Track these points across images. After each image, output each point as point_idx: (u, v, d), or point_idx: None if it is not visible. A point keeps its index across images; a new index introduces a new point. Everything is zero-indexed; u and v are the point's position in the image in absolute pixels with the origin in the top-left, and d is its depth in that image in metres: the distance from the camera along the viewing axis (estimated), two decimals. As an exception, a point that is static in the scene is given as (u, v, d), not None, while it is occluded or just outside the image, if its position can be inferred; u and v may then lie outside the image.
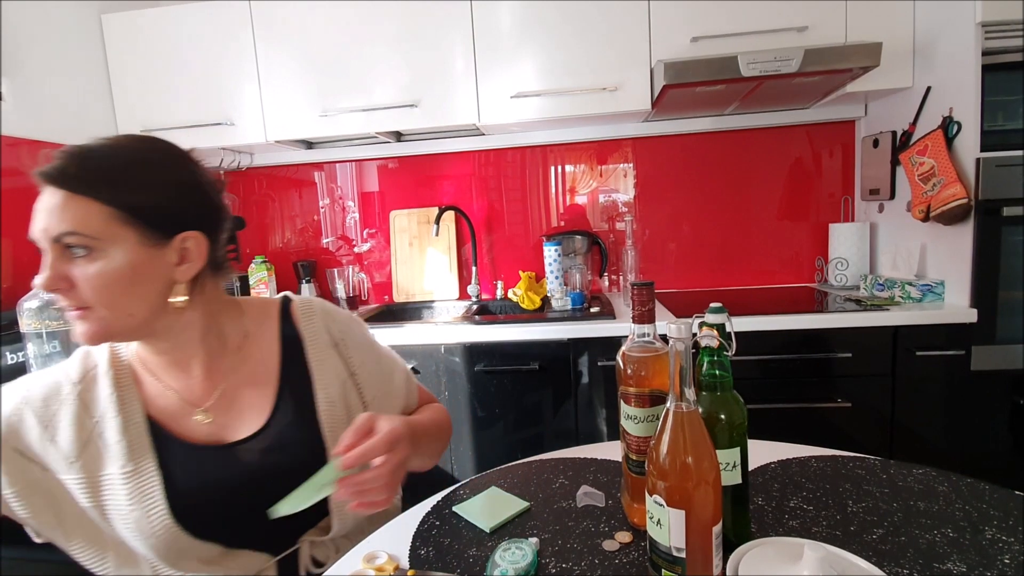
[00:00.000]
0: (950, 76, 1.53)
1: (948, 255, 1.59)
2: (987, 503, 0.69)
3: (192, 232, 0.67)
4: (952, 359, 1.50)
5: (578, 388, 1.63)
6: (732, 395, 0.62)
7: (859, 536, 0.64)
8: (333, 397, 0.78)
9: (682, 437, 0.54)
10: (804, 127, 2.01)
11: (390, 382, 0.86)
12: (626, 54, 1.71)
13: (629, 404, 0.66)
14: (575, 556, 0.64)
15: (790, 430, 1.56)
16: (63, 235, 0.60)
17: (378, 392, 0.84)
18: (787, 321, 1.53)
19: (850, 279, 1.89)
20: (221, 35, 1.86)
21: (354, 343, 0.83)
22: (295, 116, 1.87)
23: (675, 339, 0.54)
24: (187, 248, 0.67)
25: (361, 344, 0.84)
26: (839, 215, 2.04)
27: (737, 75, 1.51)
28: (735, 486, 0.62)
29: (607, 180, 2.13)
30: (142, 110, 1.92)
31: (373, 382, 0.83)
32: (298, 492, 0.60)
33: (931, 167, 1.56)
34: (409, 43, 1.79)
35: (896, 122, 1.76)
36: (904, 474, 0.77)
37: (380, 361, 0.86)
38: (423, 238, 2.18)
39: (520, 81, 1.77)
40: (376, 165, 2.22)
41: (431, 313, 2.13)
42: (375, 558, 0.66)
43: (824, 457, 0.84)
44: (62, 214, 0.60)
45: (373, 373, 0.84)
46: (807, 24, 1.63)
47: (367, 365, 0.83)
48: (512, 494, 0.78)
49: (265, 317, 0.80)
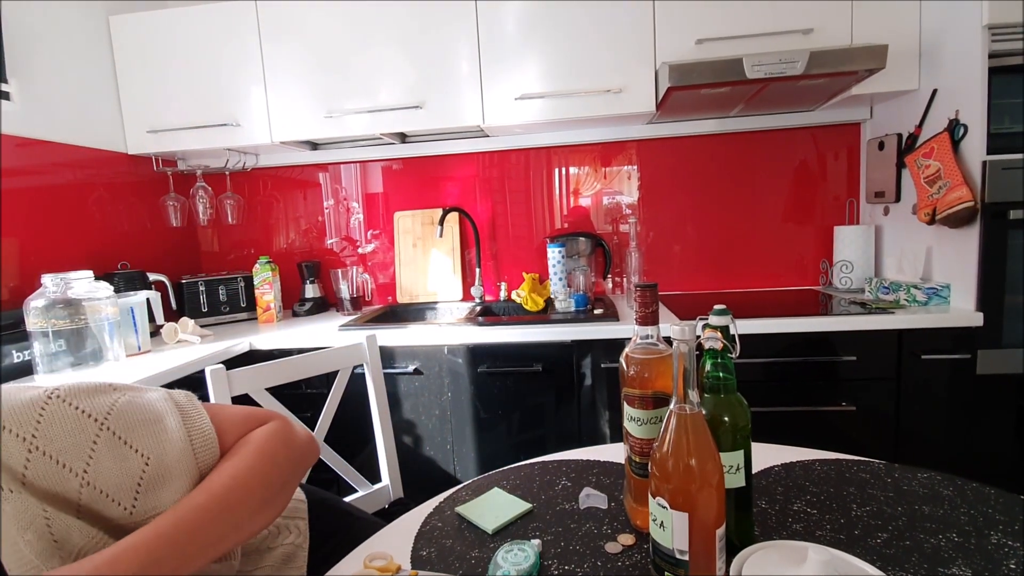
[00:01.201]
0: (956, 78, 1.52)
1: (954, 258, 1.58)
2: (993, 507, 0.68)
3: None
4: (958, 363, 1.49)
5: (581, 390, 1.63)
6: (736, 397, 0.61)
7: (863, 540, 0.64)
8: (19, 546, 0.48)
9: (685, 439, 0.54)
10: (809, 129, 2.01)
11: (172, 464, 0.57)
12: (631, 56, 1.71)
13: (632, 406, 0.66)
14: (577, 558, 0.64)
15: (794, 433, 1.55)
16: None
17: (127, 480, 0.54)
18: (791, 324, 1.52)
19: (855, 282, 1.88)
20: (227, 36, 1.87)
21: (57, 448, 0.52)
22: (300, 117, 1.88)
23: (679, 341, 0.54)
24: None
25: (72, 441, 0.53)
26: (844, 218, 2.03)
27: (742, 77, 1.50)
28: (739, 489, 0.61)
29: (611, 182, 2.13)
30: (149, 111, 1.93)
31: (118, 471, 0.54)
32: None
33: (937, 170, 1.55)
34: (414, 45, 1.79)
35: (902, 125, 1.75)
36: (909, 478, 0.77)
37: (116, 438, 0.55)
38: (427, 239, 2.18)
39: (525, 83, 1.77)
40: (380, 166, 2.23)
41: (434, 314, 2.14)
42: (377, 559, 0.66)
43: (828, 460, 0.83)
44: None
45: (115, 459, 0.54)
46: (812, 26, 1.63)
47: (99, 460, 0.53)
48: (515, 496, 0.78)
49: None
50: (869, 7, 1.62)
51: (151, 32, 1.90)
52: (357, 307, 2.11)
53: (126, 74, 1.93)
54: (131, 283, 1.77)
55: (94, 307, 1.39)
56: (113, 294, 1.46)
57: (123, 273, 1.79)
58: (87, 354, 1.37)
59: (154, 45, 1.90)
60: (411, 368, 1.67)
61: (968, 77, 1.47)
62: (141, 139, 1.94)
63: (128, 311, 1.58)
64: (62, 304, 1.34)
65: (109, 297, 1.44)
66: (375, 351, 1.27)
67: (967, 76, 1.48)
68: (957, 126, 1.51)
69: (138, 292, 1.67)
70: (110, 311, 1.43)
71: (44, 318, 1.32)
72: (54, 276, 1.36)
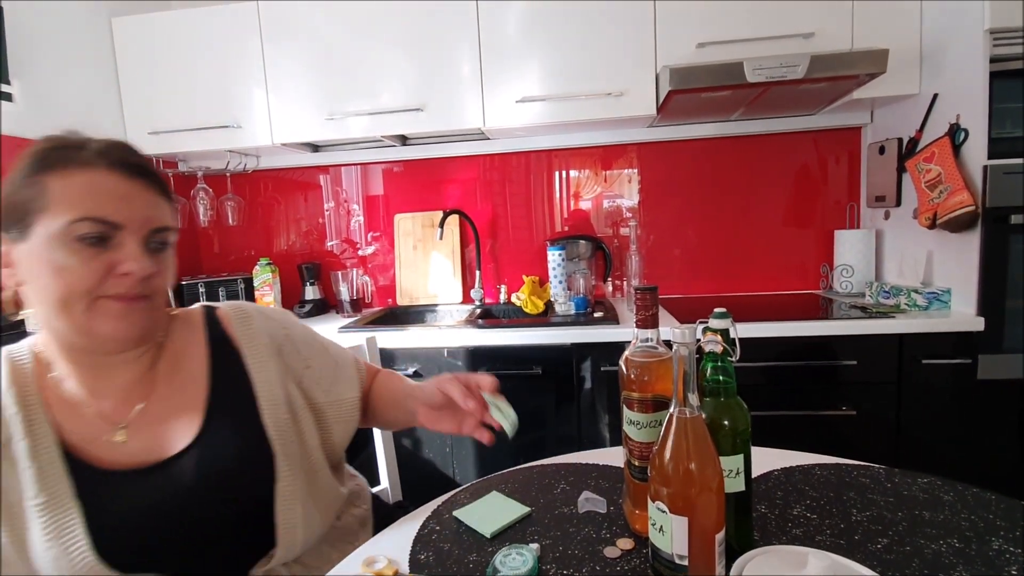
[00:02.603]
0: (957, 83, 1.52)
1: (955, 263, 1.57)
2: (994, 513, 0.68)
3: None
4: (958, 368, 1.49)
5: (581, 393, 1.63)
6: (736, 401, 0.61)
7: (864, 545, 0.63)
8: (277, 399, 0.73)
9: (685, 443, 0.54)
10: (810, 133, 2.01)
11: (342, 367, 0.84)
12: (632, 59, 1.72)
13: (632, 409, 0.66)
14: (576, 562, 0.63)
15: (794, 437, 1.54)
16: (163, 229, 0.64)
17: (333, 382, 0.82)
18: (792, 328, 1.52)
19: (855, 286, 1.88)
20: (229, 38, 1.87)
21: (301, 341, 0.81)
22: (302, 119, 1.88)
23: (679, 344, 0.54)
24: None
25: (306, 339, 0.82)
26: (844, 222, 2.03)
27: (743, 81, 1.51)
28: (738, 493, 0.61)
29: (612, 185, 2.13)
30: (150, 112, 1.93)
31: (327, 374, 0.81)
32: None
33: (938, 174, 1.55)
34: (416, 47, 1.80)
35: (902, 129, 1.75)
36: (909, 483, 0.76)
37: (328, 350, 0.84)
38: (427, 241, 2.18)
39: (526, 85, 1.77)
40: (381, 168, 2.23)
41: (434, 316, 2.14)
42: (375, 562, 0.65)
43: (828, 465, 0.83)
44: (160, 210, 0.64)
45: (325, 365, 0.82)
46: (813, 30, 1.63)
47: (317, 358, 0.81)
48: (513, 499, 0.77)
49: (190, 326, 0.75)
50: (870, 11, 1.62)
51: (153, 34, 1.90)
52: (357, 309, 2.11)
53: (128, 75, 1.93)
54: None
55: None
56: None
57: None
58: (86, 355, 1.37)
59: (156, 46, 1.91)
60: (411, 370, 1.67)
61: (969, 81, 1.47)
62: (142, 140, 1.94)
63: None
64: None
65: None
66: (375, 353, 1.26)
67: (968, 80, 1.48)
68: (958, 130, 1.51)
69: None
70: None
71: (44, 319, 1.32)
72: (54, 277, 1.36)
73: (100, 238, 0.59)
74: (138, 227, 0.61)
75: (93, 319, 0.60)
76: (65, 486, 0.61)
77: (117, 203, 0.60)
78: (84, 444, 0.64)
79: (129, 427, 0.66)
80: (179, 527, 0.64)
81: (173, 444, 0.66)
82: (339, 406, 0.81)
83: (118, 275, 0.60)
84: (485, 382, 0.71)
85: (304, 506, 0.71)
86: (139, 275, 0.60)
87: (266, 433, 0.70)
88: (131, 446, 0.65)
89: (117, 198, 0.60)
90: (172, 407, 0.68)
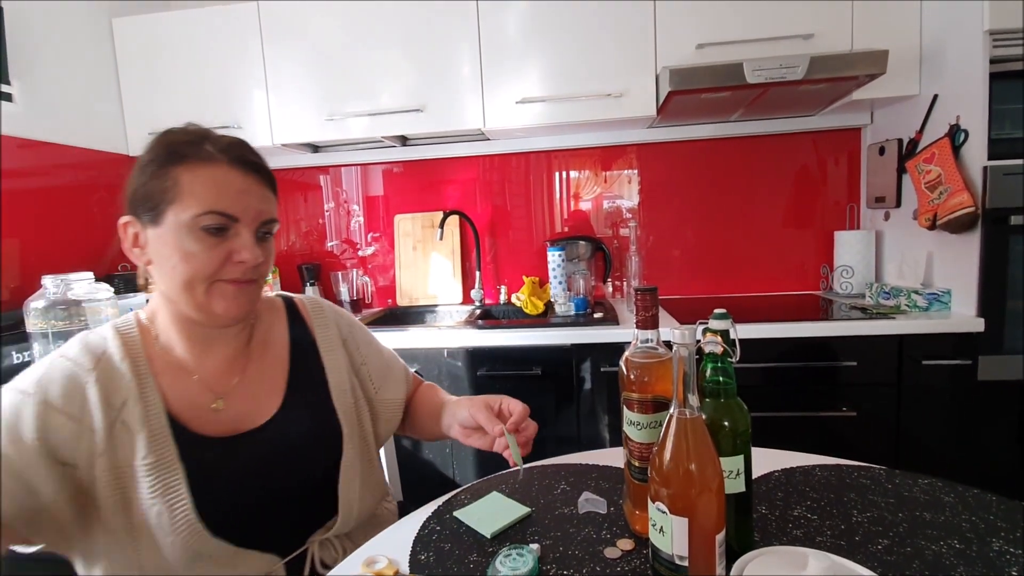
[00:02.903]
0: (957, 84, 1.52)
1: (955, 264, 1.57)
2: (994, 514, 0.68)
3: None
4: (959, 369, 1.49)
5: (580, 394, 1.63)
6: (736, 402, 0.61)
7: (864, 546, 0.63)
8: (344, 384, 0.83)
9: (685, 444, 0.54)
10: (809, 134, 2.01)
11: (392, 370, 0.93)
12: (632, 60, 1.72)
13: (632, 410, 0.66)
14: (576, 563, 0.63)
15: (794, 438, 1.54)
16: (271, 221, 0.71)
17: (383, 381, 0.90)
18: (792, 329, 1.52)
19: (855, 287, 1.88)
20: (229, 39, 1.87)
21: (361, 339, 0.90)
22: (302, 120, 1.88)
23: (679, 345, 0.54)
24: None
25: (366, 339, 0.92)
26: (844, 223, 2.03)
27: (742, 82, 1.51)
28: (738, 494, 0.61)
29: (611, 186, 2.13)
30: (150, 112, 1.93)
31: (378, 373, 0.90)
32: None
33: (938, 175, 1.55)
34: (416, 48, 1.80)
35: (902, 130, 1.75)
36: (910, 484, 0.76)
37: (382, 353, 0.93)
38: (427, 242, 2.18)
39: (526, 86, 1.77)
40: (381, 169, 2.23)
41: (434, 317, 2.13)
42: (375, 562, 0.65)
43: (828, 466, 0.83)
44: (269, 204, 0.71)
45: (378, 365, 0.90)
46: (813, 32, 1.63)
47: (372, 357, 0.90)
48: (513, 500, 0.77)
49: (274, 311, 0.85)
50: (870, 12, 1.62)
51: (153, 34, 1.91)
52: (357, 309, 2.11)
53: (128, 76, 1.94)
54: (131, 285, 1.77)
55: (94, 309, 1.39)
56: (113, 296, 1.46)
57: (123, 275, 1.79)
58: (86, 355, 1.37)
59: (156, 47, 1.91)
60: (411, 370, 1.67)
61: (969, 82, 1.47)
62: (142, 141, 1.92)
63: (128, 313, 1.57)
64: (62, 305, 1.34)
65: (109, 299, 1.44)
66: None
67: (968, 81, 1.48)
68: (958, 131, 1.51)
69: (138, 294, 1.67)
70: (110, 313, 1.43)
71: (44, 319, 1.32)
72: (54, 277, 1.36)
73: (220, 228, 0.66)
74: (251, 220, 0.68)
75: (211, 299, 0.68)
76: (171, 449, 0.67)
77: (236, 197, 0.67)
78: (186, 410, 0.71)
79: (225, 397, 0.74)
80: (259, 493, 0.71)
81: (259, 416, 0.75)
82: (386, 405, 0.89)
83: (234, 262, 0.67)
84: (516, 409, 0.78)
85: (361, 484, 0.80)
86: (251, 263, 0.67)
87: (335, 413, 0.79)
88: (225, 415, 0.73)
89: (236, 192, 0.67)
90: (260, 383, 0.77)
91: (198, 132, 0.70)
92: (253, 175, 0.69)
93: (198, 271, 0.66)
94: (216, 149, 0.67)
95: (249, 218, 0.68)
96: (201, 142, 0.68)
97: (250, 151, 0.71)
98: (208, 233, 0.66)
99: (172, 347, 0.73)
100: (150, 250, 0.68)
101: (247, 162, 0.69)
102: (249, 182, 0.69)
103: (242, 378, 0.76)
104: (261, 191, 0.70)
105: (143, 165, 0.68)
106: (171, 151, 0.67)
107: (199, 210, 0.65)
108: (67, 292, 1.36)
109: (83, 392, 0.65)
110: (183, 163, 0.66)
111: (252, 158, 0.70)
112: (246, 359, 0.77)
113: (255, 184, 0.69)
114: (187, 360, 0.73)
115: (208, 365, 0.74)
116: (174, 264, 0.66)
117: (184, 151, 0.67)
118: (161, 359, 0.72)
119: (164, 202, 0.66)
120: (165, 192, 0.66)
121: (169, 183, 0.66)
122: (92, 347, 0.70)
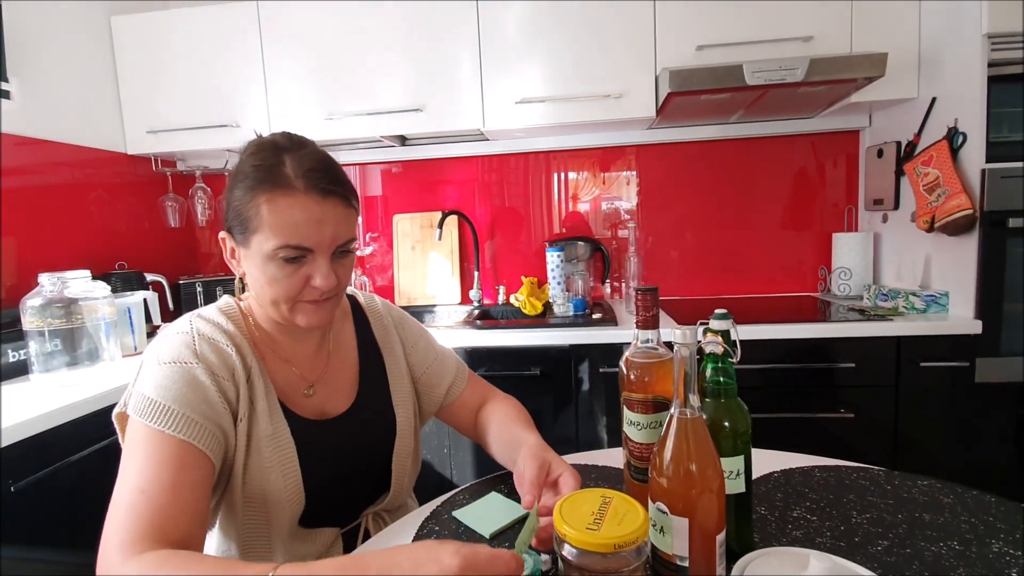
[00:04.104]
0: (956, 87, 1.53)
1: (952, 266, 1.58)
2: (993, 515, 0.68)
3: None
4: (956, 370, 1.49)
5: (579, 395, 1.63)
6: (736, 402, 0.61)
7: (864, 547, 0.63)
8: (402, 373, 0.91)
9: (686, 444, 0.53)
10: (808, 136, 2.01)
11: (443, 364, 0.97)
12: (631, 61, 1.72)
13: (632, 410, 0.66)
14: (576, 563, 0.63)
15: (793, 440, 1.54)
16: (348, 242, 0.75)
17: (427, 368, 0.95)
18: (790, 330, 1.52)
19: (853, 289, 1.88)
20: (228, 38, 1.87)
21: (408, 326, 0.97)
22: (301, 119, 1.88)
23: (680, 345, 0.54)
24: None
25: (413, 327, 0.98)
26: (843, 225, 2.03)
27: (742, 84, 1.51)
28: (738, 495, 0.61)
29: (610, 187, 2.13)
30: (148, 111, 1.93)
31: (424, 359, 0.95)
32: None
33: (936, 177, 1.55)
34: (415, 47, 1.80)
35: (901, 132, 1.76)
36: (909, 485, 0.76)
37: (432, 345, 0.98)
38: (426, 242, 2.18)
39: (525, 87, 1.77)
40: (380, 169, 2.23)
41: (433, 317, 2.13)
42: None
43: (828, 467, 0.83)
44: (347, 225, 0.74)
45: (428, 354, 0.96)
46: (812, 34, 1.63)
47: (419, 345, 0.96)
48: (512, 500, 0.77)
49: (343, 313, 0.92)
50: (869, 15, 1.62)
51: (152, 33, 1.90)
52: (355, 309, 2.10)
53: (127, 74, 1.93)
54: (128, 283, 1.76)
55: (91, 307, 1.38)
56: (110, 294, 1.45)
57: (120, 273, 1.78)
58: (83, 354, 1.36)
59: (155, 45, 1.90)
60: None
61: (967, 85, 1.48)
62: (141, 139, 1.94)
63: (125, 311, 1.57)
64: (59, 303, 1.33)
65: (106, 297, 1.43)
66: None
67: (966, 84, 1.48)
68: (956, 134, 1.51)
69: (135, 292, 1.66)
70: (107, 311, 1.42)
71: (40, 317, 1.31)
72: (51, 275, 1.35)
73: (297, 258, 0.71)
74: (326, 248, 0.72)
75: (294, 315, 0.75)
76: (284, 424, 0.76)
77: (312, 228, 0.70)
78: (286, 393, 0.79)
79: (315, 385, 0.82)
80: (334, 472, 0.79)
81: (340, 405, 0.83)
82: (428, 392, 0.95)
83: (311, 286, 0.73)
84: (565, 489, 0.68)
85: (410, 463, 0.89)
86: (325, 288, 0.72)
87: (392, 402, 0.88)
88: (314, 401, 0.81)
89: (313, 224, 0.70)
90: (338, 376, 0.85)
91: (284, 146, 0.72)
92: (331, 199, 0.71)
93: (280, 295, 0.72)
94: (296, 174, 0.69)
95: (324, 247, 0.71)
96: (283, 164, 0.70)
97: (327, 175, 0.72)
98: (286, 262, 0.71)
99: (271, 334, 0.81)
100: (244, 265, 0.76)
101: (323, 189, 0.70)
102: (326, 208, 0.70)
103: (325, 370, 0.84)
104: (337, 213, 0.72)
105: (237, 179, 0.72)
106: (258, 173, 0.70)
107: (277, 243, 0.69)
108: (64, 290, 1.36)
109: (231, 360, 0.73)
110: (265, 191, 0.69)
111: (327, 185, 0.71)
112: (326, 355, 0.85)
113: (332, 208, 0.71)
114: (283, 348, 0.81)
115: (299, 355, 0.82)
116: (261, 285, 0.73)
117: (266, 177, 0.69)
118: (263, 344, 0.79)
119: (249, 230, 0.71)
120: (250, 221, 0.70)
121: (253, 211, 0.70)
122: (217, 322, 0.76)
